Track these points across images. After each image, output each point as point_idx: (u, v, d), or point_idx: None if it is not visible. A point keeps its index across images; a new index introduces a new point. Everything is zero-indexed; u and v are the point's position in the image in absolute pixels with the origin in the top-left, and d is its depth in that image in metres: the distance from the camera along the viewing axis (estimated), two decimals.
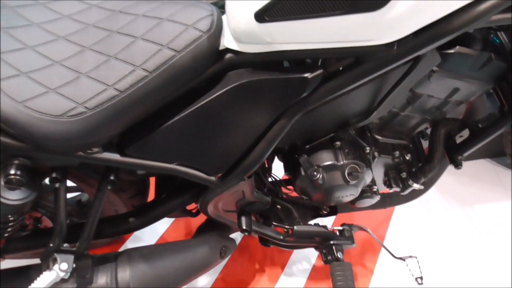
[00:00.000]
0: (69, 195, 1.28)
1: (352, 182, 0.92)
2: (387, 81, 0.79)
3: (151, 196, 1.14)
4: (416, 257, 1.07)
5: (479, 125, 0.94)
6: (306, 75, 0.73)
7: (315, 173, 0.91)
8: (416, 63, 0.72)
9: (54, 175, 0.81)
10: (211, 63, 0.75)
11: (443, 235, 1.43)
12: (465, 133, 0.97)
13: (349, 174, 0.92)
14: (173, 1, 0.79)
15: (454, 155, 0.99)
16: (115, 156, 0.79)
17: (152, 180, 1.19)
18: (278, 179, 1.09)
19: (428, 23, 0.62)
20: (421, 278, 1.05)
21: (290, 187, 1.08)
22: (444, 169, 1.06)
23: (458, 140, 0.99)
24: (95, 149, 0.76)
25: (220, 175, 0.88)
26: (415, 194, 1.17)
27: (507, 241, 1.41)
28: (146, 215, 1.02)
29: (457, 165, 0.98)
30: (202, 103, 0.76)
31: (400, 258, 1.09)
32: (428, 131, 1.04)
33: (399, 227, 1.45)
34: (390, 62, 0.69)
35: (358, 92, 0.81)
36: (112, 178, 0.84)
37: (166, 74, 0.71)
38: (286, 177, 1.10)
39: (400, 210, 1.47)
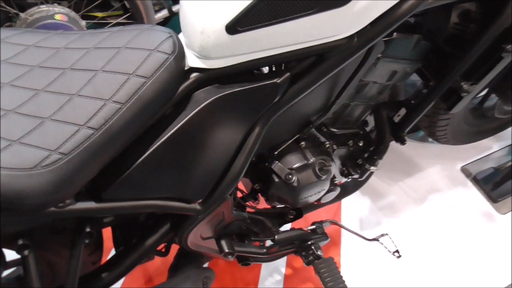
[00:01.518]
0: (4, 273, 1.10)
1: (324, 177, 0.97)
2: (343, 74, 0.85)
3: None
4: (387, 234, 1.15)
5: (412, 102, 1.07)
6: (275, 80, 0.76)
7: (290, 176, 0.93)
8: (370, 53, 0.80)
9: (20, 241, 0.70)
10: (179, 85, 0.73)
11: (390, 211, 1.56)
12: (402, 112, 1.09)
13: (320, 169, 0.96)
14: (123, 30, 0.76)
15: (397, 133, 1.09)
16: (91, 204, 0.71)
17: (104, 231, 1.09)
18: (246, 193, 1.09)
19: (382, 12, 0.70)
20: (397, 251, 1.13)
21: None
22: None
23: (397, 119, 1.10)
24: (68, 201, 0.68)
25: (201, 200, 0.85)
26: (365, 179, 1.26)
27: (442, 205, 1.60)
28: (120, 266, 0.93)
29: (402, 141, 1.09)
30: (175, 128, 0.73)
31: (374, 239, 1.16)
32: (368, 118, 1.14)
33: (351, 215, 1.54)
34: (351, 54, 0.75)
35: (318, 90, 0.86)
36: (88, 230, 0.76)
37: (140, 103, 0.67)
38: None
39: (346, 200, 1.57)
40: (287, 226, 1.39)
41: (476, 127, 1.64)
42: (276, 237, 1.07)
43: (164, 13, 1.74)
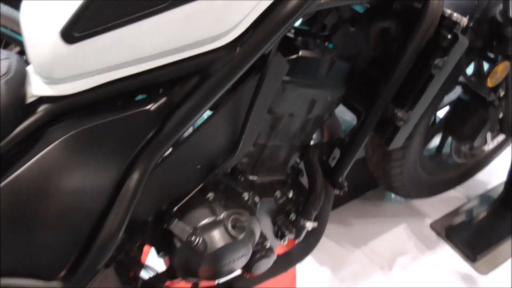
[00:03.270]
0: None
1: (240, 236, 0.78)
2: (241, 103, 0.72)
3: None
4: None
5: (346, 140, 0.93)
6: (148, 107, 0.62)
7: (192, 238, 0.75)
8: (264, 72, 0.67)
9: None
10: (16, 121, 0.58)
11: (353, 281, 1.35)
12: (336, 153, 0.95)
13: (233, 226, 0.78)
14: None
15: (334, 179, 0.94)
16: None
17: None
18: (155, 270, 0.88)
19: (261, 11, 0.59)
20: None
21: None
22: (331, 198, 1.00)
23: (333, 163, 0.95)
24: None
25: (63, 273, 0.65)
26: (313, 241, 1.08)
27: (413, 269, 1.40)
28: None
29: (341, 188, 0.93)
30: (15, 175, 0.57)
31: None
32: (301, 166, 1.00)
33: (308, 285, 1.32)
34: (237, 67, 0.63)
35: (217, 123, 0.72)
36: None
37: None
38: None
39: (302, 268, 1.36)
40: None
41: (438, 176, 1.51)
42: None
43: None
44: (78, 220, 0.63)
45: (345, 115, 1.30)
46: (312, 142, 0.96)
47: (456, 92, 1.37)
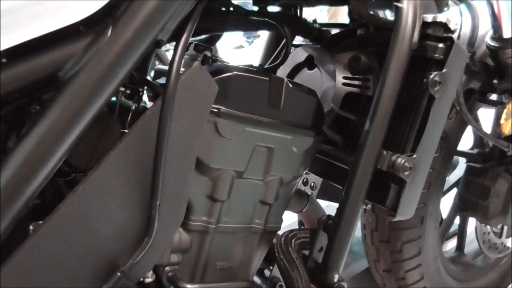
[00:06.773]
0: None
1: None
2: (145, 145, 0.45)
3: None
4: None
5: (331, 219, 0.64)
6: None
7: None
8: (170, 86, 0.43)
9: None
10: None
11: None
12: (323, 240, 0.64)
13: None
14: None
15: (327, 279, 0.61)
16: None
17: None
18: None
19: None
20: None
21: None
22: None
23: (319, 256, 0.64)
24: None
25: None
26: None
27: None
28: None
29: None
30: None
31: None
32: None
33: None
34: (112, 65, 0.38)
35: (104, 182, 0.44)
36: None
37: None
38: None
39: None
40: None
41: (471, 284, 1.14)
42: None
43: None
44: None
45: None
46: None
47: (461, 168, 1.13)
